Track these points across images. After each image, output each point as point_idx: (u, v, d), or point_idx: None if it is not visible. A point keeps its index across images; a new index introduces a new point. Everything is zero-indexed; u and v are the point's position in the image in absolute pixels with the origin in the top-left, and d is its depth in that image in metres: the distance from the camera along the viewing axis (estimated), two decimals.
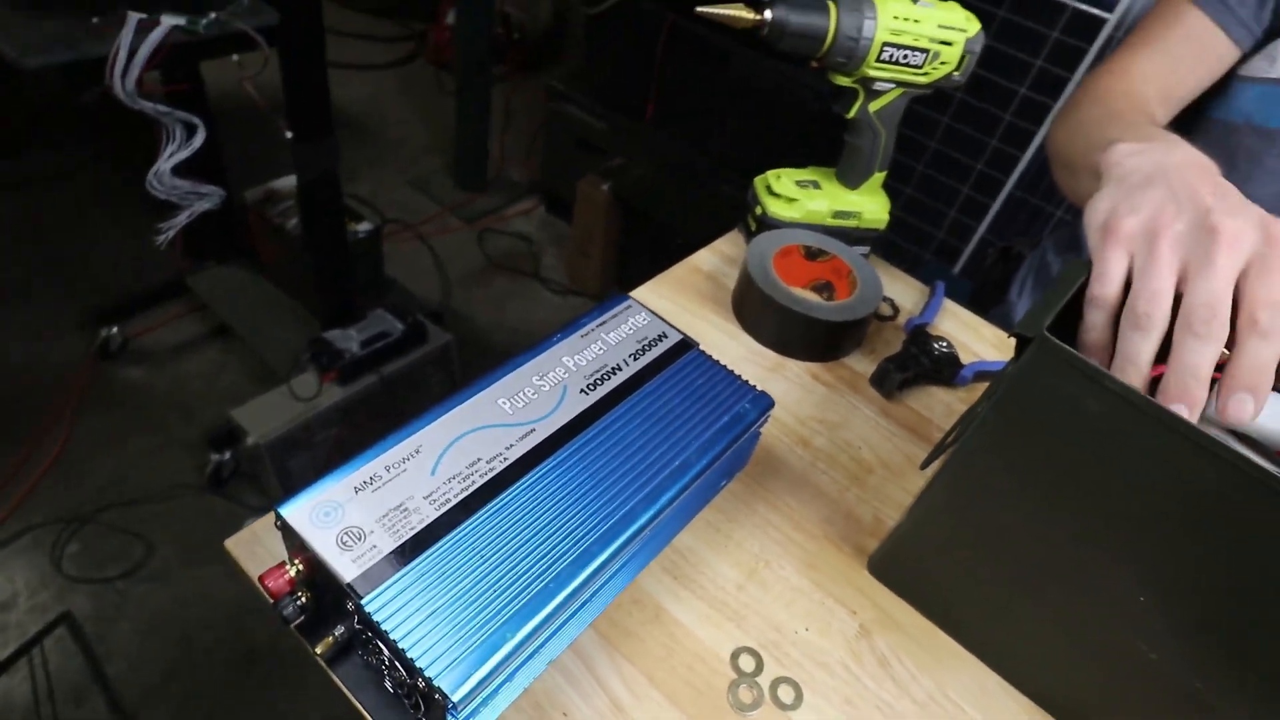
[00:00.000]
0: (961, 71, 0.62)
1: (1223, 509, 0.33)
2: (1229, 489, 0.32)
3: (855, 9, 0.58)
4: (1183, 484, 0.33)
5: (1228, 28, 0.66)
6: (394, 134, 2.65)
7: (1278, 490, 0.31)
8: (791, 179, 0.70)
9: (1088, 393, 0.34)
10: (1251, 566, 0.33)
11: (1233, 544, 0.33)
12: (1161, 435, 0.33)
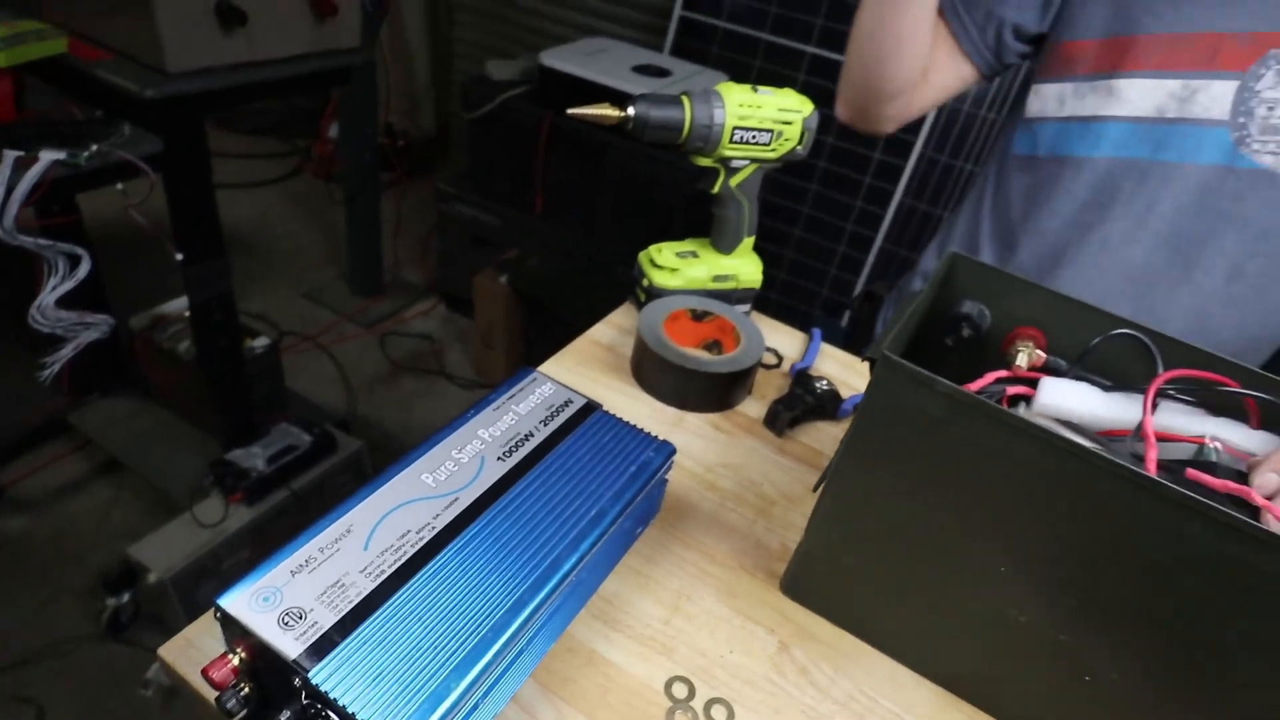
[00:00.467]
0: (803, 145, 0.72)
1: (1049, 481, 0.39)
2: (1051, 463, 0.39)
3: (705, 101, 0.67)
4: (1014, 463, 0.40)
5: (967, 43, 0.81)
6: (285, 247, 2.65)
7: (1086, 459, 0.38)
8: (672, 251, 0.78)
9: (926, 398, 0.40)
10: (1081, 526, 0.40)
11: (1063, 509, 0.40)
12: (990, 425, 0.40)
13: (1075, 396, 0.50)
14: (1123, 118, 0.74)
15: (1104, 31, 0.75)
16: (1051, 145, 0.80)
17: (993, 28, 0.81)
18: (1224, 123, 0.70)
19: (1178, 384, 0.49)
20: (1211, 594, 0.38)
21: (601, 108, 0.65)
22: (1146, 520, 0.38)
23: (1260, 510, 0.40)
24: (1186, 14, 0.70)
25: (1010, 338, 0.55)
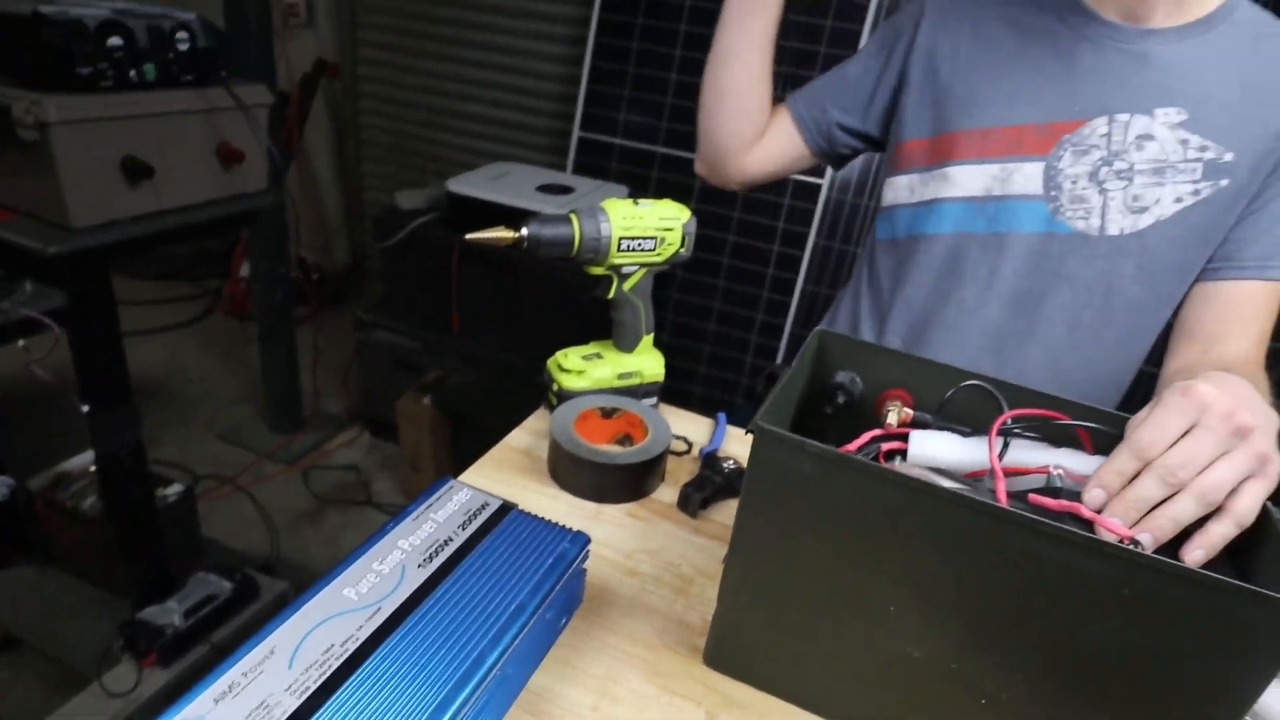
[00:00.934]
0: (686, 248, 0.79)
1: (914, 520, 0.44)
2: (913, 504, 0.44)
3: (592, 217, 0.74)
4: (883, 508, 0.45)
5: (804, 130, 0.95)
6: (198, 390, 2.59)
7: (940, 496, 0.43)
8: (578, 355, 0.83)
9: (800, 459, 0.45)
10: (949, 558, 0.44)
11: (931, 544, 0.45)
12: (857, 476, 0.45)
13: (941, 445, 0.56)
14: (958, 198, 0.85)
15: (931, 131, 0.87)
16: (907, 228, 0.91)
17: (825, 121, 0.94)
18: (1039, 196, 0.81)
19: (1022, 423, 0.56)
20: (1063, 604, 0.42)
21: (497, 231, 0.71)
22: (1000, 544, 0.43)
23: (1095, 523, 0.46)
24: (993, 112, 0.82)
25: (881, 399, 0.61)
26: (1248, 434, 0.46)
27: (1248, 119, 0.76)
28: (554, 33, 2.54)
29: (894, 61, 0.89)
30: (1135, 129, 0.78)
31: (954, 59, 0.85)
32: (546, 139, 2.66)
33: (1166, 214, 0.78)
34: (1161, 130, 0.77)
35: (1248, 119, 0.76)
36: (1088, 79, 0.79)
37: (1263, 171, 0.77)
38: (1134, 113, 0.78)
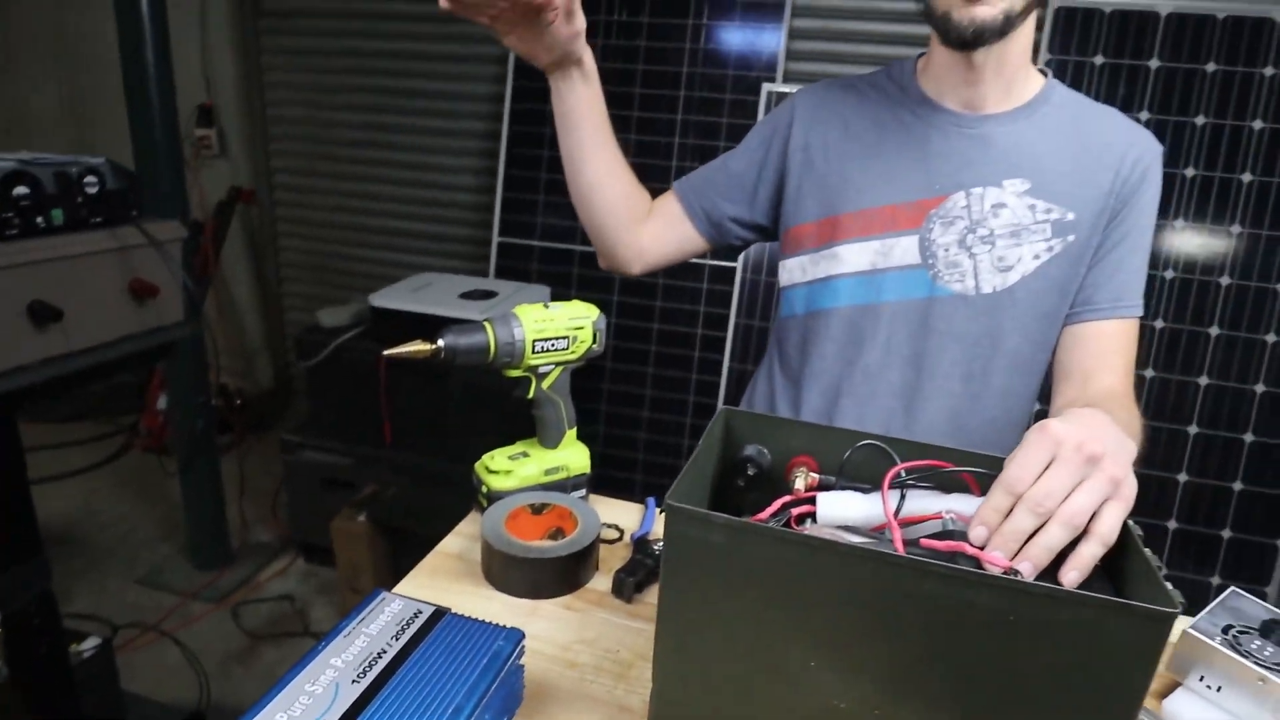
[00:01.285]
0: (598, 343, 0.84)
1: (819, 576, 0.48)
2: (816, 560, 0.47)
3: (505, 323, 0.78)
4: (790, 568, 0.48)
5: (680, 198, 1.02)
6: (114, 534, 2.46)
7: (837, 551, 0.47)
8: (504, 455, 0.85)
9: (710, 531, 0.49)
10: (856, 608, 0.48)
11: (838, 597, 0.48)
12: (763, 541, 0.48)
13: (846, 504, 0.60)
14: (848, 274, 0.93)
15: (818, 215, 0.95)
16: (805, 305, 0.98)
17: (715, 213, 1.01)
18: (919, 266, 0.90)
19: (914, 474, 0.61)
20: (962, 638, 0.46)
21: (414, 345, 0.74)
22: (900, 590, 0.46)
23: (981, 559, 0.51)
24: (868, 195, 0.91)
25: (789, 467, 0.65)
26: (1099, 461, 0.51)
27: (1081, 182, 0.87)
28: (467, 147, 2.65)
29: (772, 157, 0.98)
30: (989, 199, 0.88)
31: (826, 151, 0.94)
32: (467, 247, 2.73)
33: (1029, 270, 0.88)
34: (1011, 199, 0.87)
35: (1081, 182, 0.87)
36: (942, 160, 0.89)
37: (1100, 225, 0.88)
38: (986, 185, 0.88)
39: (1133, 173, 0.87)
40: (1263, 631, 0.65)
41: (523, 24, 0.79)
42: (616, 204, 0.98)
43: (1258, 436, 2.06)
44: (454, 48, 2.58)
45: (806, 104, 0.97)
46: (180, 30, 2.23)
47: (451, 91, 2.63)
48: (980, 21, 0.78)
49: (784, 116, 0.98)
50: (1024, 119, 0.88)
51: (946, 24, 0.80)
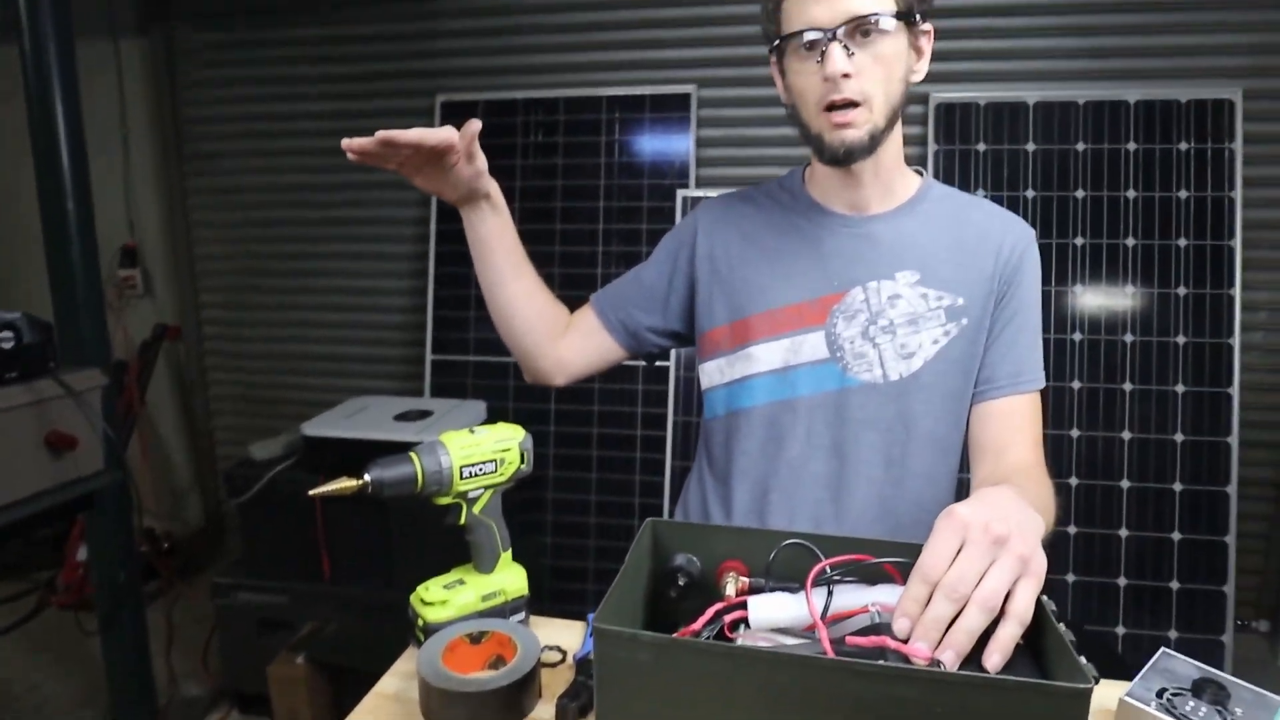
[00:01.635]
0: (526, 463, 0.84)
1: (750, 682, 0.48)
2: (745, 671, 0.48)
3: (431, 452, 0.78)
4: (720, 677, 0.48)
5: (597, 311, 1.06)
6: (27, 703, 2.26)
7: (760, 658, 0.47)
8: (439, 585, 0.83)
9: (636, 649, 0.49)
10: (786, 711, 0.48)
11: (770, 705, 0.48)
12: (690, 655, 0.48)
13: (776, 606, 0.61)
14: (763, 373, 0.97)
15: (729, 319, 1.00)
16: (726, 405, 1.01)
17: (631, 323, 1.05)
18: (828, 359, 0.94)
19: (840, 569, 0.62)
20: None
21: (339, 482, 0.74)
22: (827, 690, 0.47)
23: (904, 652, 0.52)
24: (773, 296, 0.96)
25: (720, 573, 0.66)
26: (1006, 541, 0.54)
27: (965, 269, 0.94)
28: (397, 269, 2.69)
29: (681, 267, 1.04)
30: (885, 292, 0.94)
31: (730, 259, 1.00)
32: (402, 367, 2.72)
33: (930, 354, 0.93)
34: (905, 289, 0.93)
35: (965, 269, 0.94)
36: (837, 259, 0.95)
37: (989, 308, 0.95)
38: (880, 279, 0.94)
39: (1011, 256, 0.95)
40: (1195, 691, 0.67)
41: (427, 167, 0.84)
42: (534, 322, 1.02)
43: (1185, 485, 2.15)
44: (379, 175, 2.65)
45: (708, 217, 1.04)
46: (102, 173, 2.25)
47: (379, 217, 2.68)
48: (849, 143, 0.86)
49: (688, 229, 1.05)
50: (906, 216, 0.96)
51: (821, 145, 0.89)
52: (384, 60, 2.59)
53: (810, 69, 0.86)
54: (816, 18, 0.83)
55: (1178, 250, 2.16)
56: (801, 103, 0.89)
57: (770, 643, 0.58)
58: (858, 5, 0.82)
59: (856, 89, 0.84)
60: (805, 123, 0.90)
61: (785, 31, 0.87)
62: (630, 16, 2.44)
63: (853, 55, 0.83)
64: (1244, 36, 2.18)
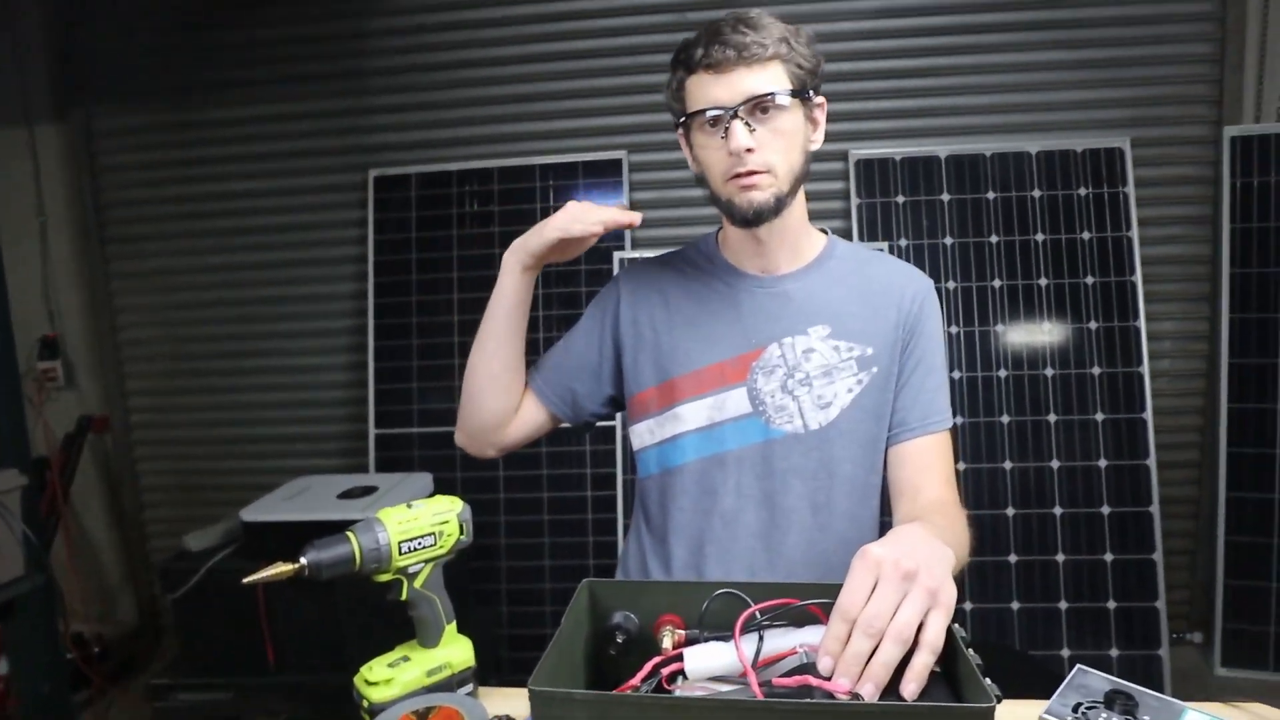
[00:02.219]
0: (466, 535, 0.85)
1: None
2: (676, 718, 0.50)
3: (368, 530, 0.78)
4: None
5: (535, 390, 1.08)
6: None
7: (689, 707, 0.49)
8: (383, 664, 0.83)
9: (571, 709, 0.50)
10: None
11: None
12: (626, 710, 0.50)
13: (711, 656, 0.63)
14: (691, 431, 1.00)
15: (655, 381, 1.03)
16: (658, 464, 1.04)
17: (568, 392, 1.08)
18: (751, 414, 0.99)
19: (769, 614, 0.65)
20: None
21: (275, 568, 0.73)
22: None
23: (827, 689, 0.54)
24: (696, 357, 1.01)
25: (657, 627, 0.68)
26: (915, 576, 0.57)
27: (872, 321, 1.00)
28: (334, 344, 2.67)
29: (607, 334, 1.08)
30: (800, 346, 0.99)
31: (654, 323, 1.04)
32: (344, 444, 2.68)
33: (845, 403, 0.98)
34: (818, 343, 0.99)
35: (872, 321, 1.00)
36: (753, 318, 1.01)
37: (896, 355, 1.01)
38: (795, 335, 0.99)
39: (912, 306, 1.02)
40: (1107, 703, 0.71)
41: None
42: (510, 396, 1.05)
43: (1112, 508, 2.25)
44: (313, 253, 2.66)
45: (630, 284, 1.08)
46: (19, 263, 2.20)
47: (314, 294, 2.67)
48: (757, 204, 0.92)
49: (611, 297, 1.09)
50: (814, 273, 1.02)
51: (731, 209, 0.95)
52: (314, 138, 2.62)
53: (715, 144, 0.92)
54: (718, 97, 0.90)
55: (1086, 288, 2.31)
56: (710, 174, 0.96)
57: (707, 691, 0.59)
58: (755, 85, 0.89)
59: (760, 160, 0.91)
60: (714, 191, 0.97)
61: (690, 109, 0.94)
62: (560, 88, 2.54)
63: (754, 131, 0.90)
64: (1128, 91, 2.39)
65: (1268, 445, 2.26)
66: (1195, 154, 2.42)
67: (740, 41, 0.89)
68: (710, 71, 0.90)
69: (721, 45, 0.89)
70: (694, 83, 0.93)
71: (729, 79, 0.90)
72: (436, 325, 2.51)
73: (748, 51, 0.89)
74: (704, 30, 0.93)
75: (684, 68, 0.94)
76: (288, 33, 2.57)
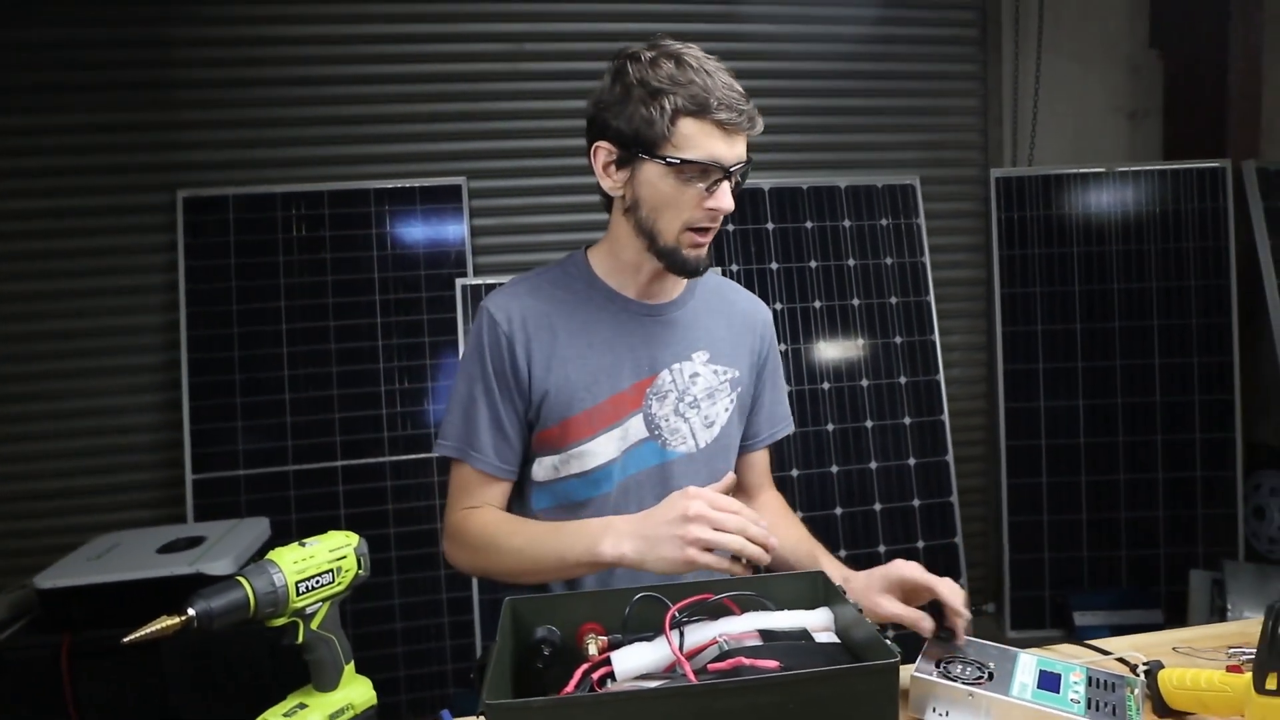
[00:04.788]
0: (364, 569, 0.83)
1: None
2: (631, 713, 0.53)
3: (261, 573, 0.74)
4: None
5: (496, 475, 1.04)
6: None
7: (643, 698, 0.53)
8: (278, 714, 0.78)
9: (531, 716, 0.52)
10: None
11: None
12: (582, 711, 0.53)
13: (637, 656, 0.67)
14: (600, 466, 1.02)
15: (560, 418, 1.02)
16: (566, 496, 1.05)
17: (519, 458, 1.05)
18: (649, 438, 1.04)
19: (685, 611, 0.70)
20: None
21: (159, 622, 0.68)
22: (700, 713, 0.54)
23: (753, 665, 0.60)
24: (596, 391, 1.01)
25: (579, 636, 0.71)
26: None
27: (737, 345, 1.10)
28: (140, 383, 2.40)
29: (511, 383, 1.02)
30: (687, 371, 1.06)
31: (549, 361, 1.02)
32: (156, 493, 2.41)
33: (724, 421, 1.07)
34: (701, 367, 1.06)
35: (737, 345, 1.10)
36: (644, 346, 1.04)
37: (754, 376, 1.13)
38: (682, 361, 1.06)
39: (765, 331, 1.15)
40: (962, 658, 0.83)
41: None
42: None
43: (922, 500, 2.55)
44: (110, 281, 2.39)
45: (513, 321, 1.02)
46: None
47: (113, 327, 2.39)
48: (704, 262, 0.99)
49: (499, 343, 1.02)
50: (691, 301, 1.09)
51: (675, 256, 0.97)
52: (112, 153, 2.36)
53: (691, 192, 0.93)
54: (723, 155, 0.92)
55: (891, 307, 2.61)
56: (663, 215, 0.95)
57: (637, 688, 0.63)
58: (742, 153, 0.95)
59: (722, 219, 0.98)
60: (658, 231, 0.96)
61: (684, 154, 0.91)
62: (395, 111, 2.48)
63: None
64: (916, 135, 2.76)
65: (1035, 438, 2.67)
66: (970, 191, 2.83)
67: (750, 113, 0.93)
68: (721, 128, 0.92)
69: (738, 111, 0.92)
70: (698, 129, 0.91)
71: (736, 141, 0.93)
72: (262, 359, 2.34)
73: (751, 124, 0.94)
74: (707, 79, 0.91)
75: (686, 107, 0.91)
76: (80, 35, 2.31)
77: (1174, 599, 2.58)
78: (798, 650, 0.63)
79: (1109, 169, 2.68)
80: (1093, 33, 2.85)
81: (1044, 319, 2.67)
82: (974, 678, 0.78)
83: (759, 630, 0.66)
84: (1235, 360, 2.61)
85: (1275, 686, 0.66)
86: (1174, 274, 2.65)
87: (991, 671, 0.79)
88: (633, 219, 0.98)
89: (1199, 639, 0.99)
